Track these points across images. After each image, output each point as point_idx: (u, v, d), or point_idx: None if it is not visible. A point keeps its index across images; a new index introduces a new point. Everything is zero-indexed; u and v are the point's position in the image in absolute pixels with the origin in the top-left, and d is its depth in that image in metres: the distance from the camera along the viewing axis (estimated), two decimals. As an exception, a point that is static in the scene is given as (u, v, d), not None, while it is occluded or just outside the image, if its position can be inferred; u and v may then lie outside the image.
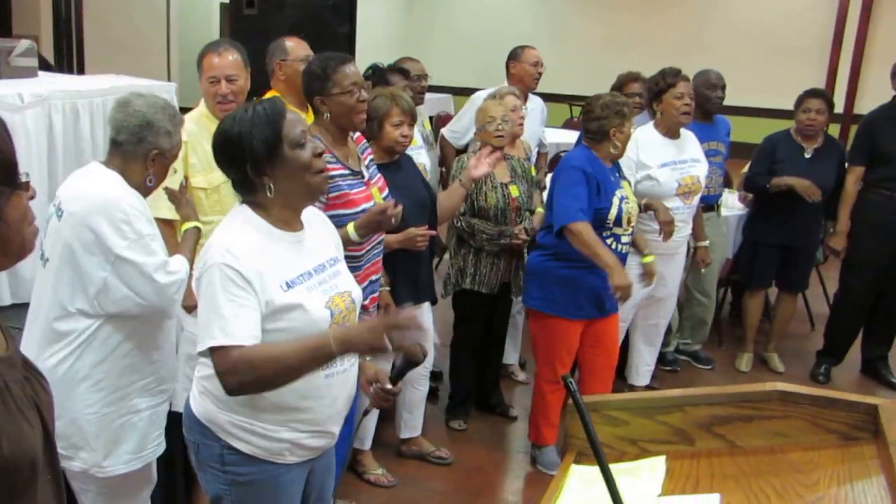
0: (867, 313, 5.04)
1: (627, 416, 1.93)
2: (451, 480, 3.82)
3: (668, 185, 4.15)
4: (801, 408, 1.79)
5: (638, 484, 1.70)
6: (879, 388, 4.95)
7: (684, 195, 4.21)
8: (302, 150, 2.02)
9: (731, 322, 5.88)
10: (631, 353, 4.61)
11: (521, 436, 4.24)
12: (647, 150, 4.15)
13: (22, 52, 4.06)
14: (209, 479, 2.12)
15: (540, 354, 3.87)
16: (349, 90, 2.90)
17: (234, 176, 2.06)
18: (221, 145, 2.04)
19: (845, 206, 4.83)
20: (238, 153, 1.99)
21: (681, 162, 4.22)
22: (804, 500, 1.60)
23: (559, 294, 3.66)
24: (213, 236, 2.02)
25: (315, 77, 2.94)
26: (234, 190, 2.10)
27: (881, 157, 4.72)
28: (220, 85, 3.07)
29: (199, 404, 2.10)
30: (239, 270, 1.92)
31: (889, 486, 1.54)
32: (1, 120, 1.16)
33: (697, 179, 4.26)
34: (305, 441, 2.10)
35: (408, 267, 3.50)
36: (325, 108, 2.93)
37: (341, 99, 2.91)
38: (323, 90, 2.92)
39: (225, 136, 2.02)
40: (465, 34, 13.90)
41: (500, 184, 3.97)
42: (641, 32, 12.99)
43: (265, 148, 1.97)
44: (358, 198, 2.99)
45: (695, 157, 4.31)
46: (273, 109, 2.01)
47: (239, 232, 2.00)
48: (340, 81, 2.90)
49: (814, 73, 11.66)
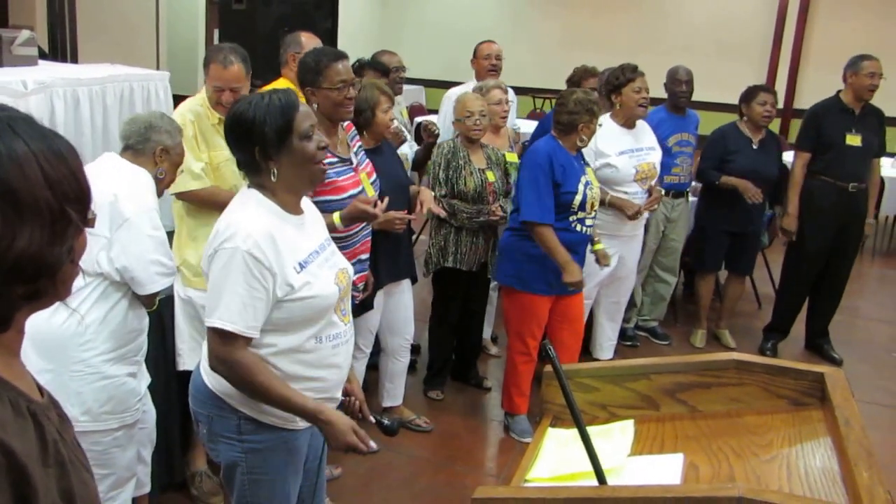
0: (808, 290, 5.16)
1: (598, 384, 1.96)
2: (431, 447, 3.86)
3: (626, 172, 4.23)
4: (755, 376, 1.84)
5: (609, 445, 1.74)
6: (822, 361, 5.04)
7: (641, 181, 4.30)
8: (309, 142, 2.05)
9: (684, 301, 5.98)
10: (595, 329, 4.68)
11: (494, 405, 4.29)
12: (605, 139, 4.19)
13: (23, 42, 4.00)
14: (223, 448, 2.11)
15: (512, 328, 3.92)
16: (338, 87, 2.93)
17: (241, 157, 2.07)
18: (234, 125, 2.04)
19: (794, 190, 4.93)
20: (248, 136, 2.00)
21: (637, 150, 4.30)
22: (759, 458, 1.64)
23: (529, 271, 3.72)
24: (231, 215, 2.02)
25: (308, 69, 2.96)
26: (240, 170, 2.11)
27: (823, 145, 4.83)
28: (224, 94, 3.08)
29: (213, 378, 2.08)
30: (260, 259, 1.93)
31: (835, 446, 1.59)
32: (73, 150, 1.03)
33: (653, 166, 4.35)
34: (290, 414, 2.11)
35: (388, 246, 3.53)
36: (315, 99, 2.95)
37: (329, 94, 2.94)
38: (314, 83, 2.94)
39: (240, 118, 2.02)
40: (434, 29, 13.87)
41: (478, 169, 4.00)
42: (596, 31, 13.14)
43: (276, 136, 1.99)
44: (346, 184, 3.01)
45: (650, 146, 4.38)
46: (288, 101, 2.03)
47: (256, 216, 2.00)
48: (331, 77, 2.92)
49: (755, 71, 11.86)
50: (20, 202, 0.93)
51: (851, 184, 4.81)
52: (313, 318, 2.05)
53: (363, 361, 3.76)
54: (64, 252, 1.00)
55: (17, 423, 0.95)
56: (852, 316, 5.90)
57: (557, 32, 13.51)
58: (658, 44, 12.20)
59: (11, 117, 0.96)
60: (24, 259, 0.94)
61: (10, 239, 0.92)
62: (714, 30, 12.46)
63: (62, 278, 1.02)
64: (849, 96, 4.81)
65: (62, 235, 0.98)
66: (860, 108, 4.81)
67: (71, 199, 0.99)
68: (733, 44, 12.32)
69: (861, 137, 4.78)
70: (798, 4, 12.02)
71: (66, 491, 1.00)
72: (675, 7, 12.80)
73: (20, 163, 0.93)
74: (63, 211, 0.98)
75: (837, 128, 4.80)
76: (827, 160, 4.83)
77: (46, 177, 0.95)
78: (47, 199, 0.95)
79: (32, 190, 0.94)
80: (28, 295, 0.98)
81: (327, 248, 2.17)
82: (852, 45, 9.90)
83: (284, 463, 2.15)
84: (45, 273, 0.98)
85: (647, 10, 12.97)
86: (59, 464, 1.00)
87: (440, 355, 4.35)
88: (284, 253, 1.99)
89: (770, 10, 12.21)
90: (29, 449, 0.95)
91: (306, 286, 2.01)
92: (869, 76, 4.71)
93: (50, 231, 0.96)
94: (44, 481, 0.96)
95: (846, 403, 1.66)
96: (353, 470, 3.59)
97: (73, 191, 0.99)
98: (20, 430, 0.95)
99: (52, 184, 0.96)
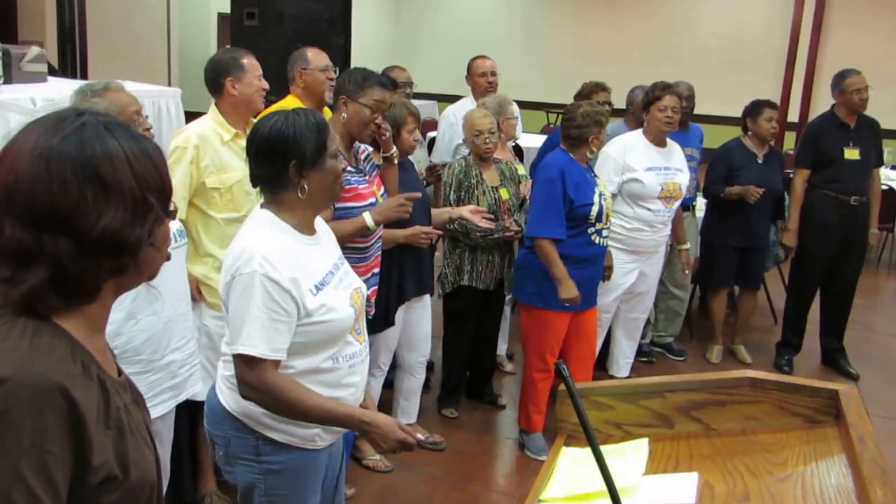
0: (810, 303, 5.19)
1: (613, 402, 1.96)
2: (445, 465, 3.86)
3: (651, 188, 4.25)
4: (769, 393, 1.84)
5: (623, 464, 1.74)
6: (838, 377, 5.05)
7: (666, 199, 4.31)
8: (337, 161, 2.12)
9: (700, 316, 5.97)
10: (612, 346, 4.69)
11: (509, 423, 4.29)
12: (633, 154, 4.25)
13: (33, 58, 4.02)
14: (241, 470, 2.12)
15: (531, 345, 3.93)
16: (371, 106, 3.03)
17: (267, 171, 2.05)
18: (269, 139, 2.03)
19: (795, 206, 4.99)
20: (286, 150, 2.01)
21: (665, 168, 4.32)
22: (774, 477, 1.64)
23: (548, 288, 3.74)
24: (244, 239, 2.03)
25: (353, 80, 3.07)
26: (260, 187, 2.10)
27: (823, 160, 4.88)
28: (263, 80, 3.20)
29: (230, 399, 2.09)
30: (278, 282, 1.94)
31: (850, 464, 1.59)
32: (159, 150, 1.21)
33: (679, 187, 4.36)
34: (333, 426, 2.15)
35: (413, 261, 3.59)
36: (346, 109, 3.05)
37: (362, 109, 3.04)
38: (353, 94, 3.04)
39: (280, 132, 2.02)
40: (446, 45, 13.98)
41: (491, 187, 4.03)
42: (609, 45, 13.23)
43: (314, 152, 2.03)
44: (366, 192, 3.11)
45: (678, 167, 4.40)
46: (321, 121, 2.08)
47: (271, 238, 2.01)
48: (371, 95, 3.04)
49: (770, 85, 11.90)
50: (107, 186, 1.10)
51: (853, 197, 4.86)
52: (330, 340, 2.07)
53: (380, 379, 3.78)
54: (144, 234, 1.15)
55: (83, 380, 1.09)
56: (867, 330, 5.89)
57: (570, 47, 13.60)
58: (671, 58, 12.28)
59: (109, 122, 1.15)
60: (107, 234, 1.10)
61: (98, 216, 1.09)
62: (728, 44, 12.52)
63: (144, 259, 1.18)
64: (842, 111, 4.89)
65: (143, 219, 1.14)
66: (855, 122, 4.88)
67: (152, 189, 1.16)
68: (748, 58, 12.38)
69: (859, 151, 4.85)
70: (811, 19, 12.08)
71: (121, 455, 1.12)
72: (688, 22, 12.87)
73: (111, 155, 1.11)
74: (144, 198, 1.14)
75: (835, 143, 4.87)
76: (827, 175, 4.89)
77: (132, 168, 1.13)
78: (131, 186, 1.12)
79: (118, 177, 1.11)
80: (113, 269, 1.14)
81: (341, 268, 2.20)
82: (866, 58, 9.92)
83: (303, 484, 2.15)
84: (125, 250, 1.14)
85: (660, 24, 13.04)
86: (118, 428, 1.13)
87: (455, 373, 4.35)
88: (300, 274, 2.00)
89: (784, 25, 12.27)
90: (90, 405, 1.09)
91: (323, 309, 2.02)
92: (856, 93, 4.79)
93: (131, 213, 1.13)
94: (100, 439, 1.09)
95: (861, 421, 1.67)
96: (367, 489, 3.60)
97: (155, 182, 1.17)
98: (85, 387, 1.09)
99: (137, 174, 1.13)
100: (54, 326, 1.11)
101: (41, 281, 1.08)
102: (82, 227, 1.08)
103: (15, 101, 3.37)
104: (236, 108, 3.18)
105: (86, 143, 1.10)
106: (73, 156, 1.09)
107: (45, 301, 1.09)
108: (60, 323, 1.12)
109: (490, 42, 10.99)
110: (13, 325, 1.08)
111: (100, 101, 2.46)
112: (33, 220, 1.07)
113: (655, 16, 13.04)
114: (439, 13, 14.81)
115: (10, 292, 1.08)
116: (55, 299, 1.10)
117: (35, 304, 1.09)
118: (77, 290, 1.12)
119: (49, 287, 1.09)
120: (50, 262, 1.08)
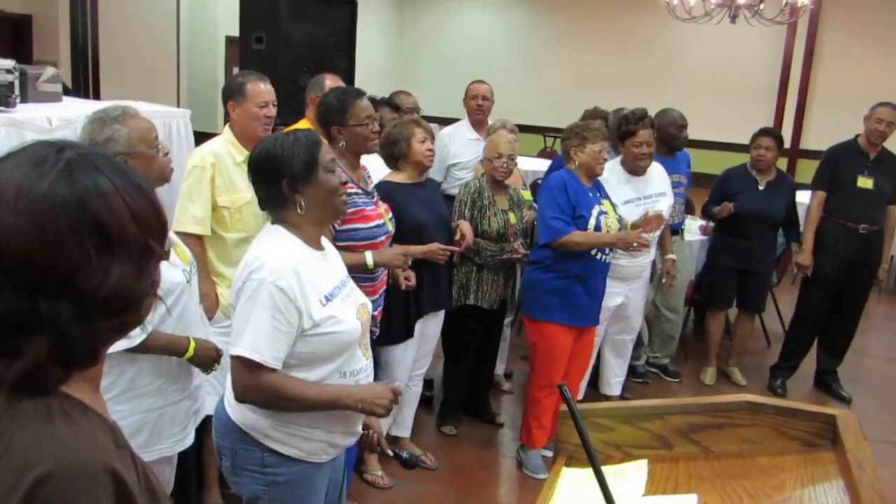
0: (818, 328, 5.17)
1: (613, 423, 1.95)
2: (443, 483, 3.84)
3: (630, 219, 4.16)
4: (767, 417, 1.83)
5: (623, 485, 1.73)
6: (831, 400, 5.04)
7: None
8: (332, 175, 2.11)
9: (694, 338, 5.96)
10: (602, 367, 4.65)
11: (507, 441, 4.27)
12: (609, 187, 4.08)
13: (48, 79, 4.03)
14: (246, 482, 2.12)
15: (538, 360, 3.90)
16: (364, 122, 3.01)
17: (267, 192, 2.09)
18: (262, 160, 2.07)
19: (810, 227, 4.99)
20: (277, 169, 2.04)
21: (645, 198, 4.24)
22: (772, 500, 1.63)
23: (553, 304, 3.74)
24: (258, 248, 2.05)
25: (333, 109, 3.02)
26: (263, 207, 2.14)
27: (837, 187, 4.88)
28: (269, 108, 3.17)
29: (237, 412, 2.10)
30: (285, 291, 1.96)
31: (847, 489, 1.58)
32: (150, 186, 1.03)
33: (661, 214, 4.28)
34: (338, 440, 2.16)
35: (431, 276, 3.59)
36: (342, 136, 3.02)
37: (358, 130, 3.01)
38: (341, 121, 3.01)
39: (267, 153, 2.06)
40: (448, 69, 14.07)
41: (501, 210, 4.02)
42: (607, 71, 13.33)
43: (303, 168, 2.04)
44: (372, 214, 3.08)
45: (660, 191, 4.30)
46: (312, 137, 2.10)
47: (283, 248, 2.04)
48: (357, 114, 3.00)
49: (763, 112, 11.97)
50: (111, 237, 0.94)
51: (862, 225, 4.84)
52: (336, 352, 2.07)
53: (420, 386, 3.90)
54: (148, 285, 1.01)
55: (118, 453, 0.96)
56: (859, 354, 5.87)
57: (568, 72, 13.69)
58: (667, 84, 12.36)
59: (93, 156, 0.97)
60: (115, 294, 0.95)
61: (104, 274, 0.93)
62: (722, 71, 12.60)
63: (145, 310, 1.03)
64: (864, 140, 4.88)
65: (146, 268, 1.00)
66: (875, 153, 4.87)
67: (153, 233, 1.00)
68: (741, 85, 12.46)
69: (873, 181, 4.83)
70: (803, 48, 12.17)
71: None
72: (684, 49, 12.96)
73: (108, 198, 0.94)
74: (147, 244, 0.99)
75: (850, 170, 4.86)
76: (837, 200, 4.89)
77: (131, 211, 0.96)
78: (134, 234, 0.96)
79: (121, 224, 0.95)
80: (116, 328, 0.99)
81: (347, 284, 2.21)
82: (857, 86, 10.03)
83: (306, 496, 2.16)
84: (132, 306, 0.99)
85: (656, 51, 13.13)
86: (149, 491, 1.01)
87: (454, 390, 4.34)
88: (309, 285, 2.01)
89: (776, 53, 12.36)
90: (132, 478, 0.96)
91: (332, 320, 2.03)
92: (876, 121, 4.78)
93: (137, 265, 0.97)
94: None
95: (858, 446, 1.66)
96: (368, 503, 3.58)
97: (154, 224, 1.01)
98: (122, 459, 0.96)
99: (137, 217, 0.97)
100: (70, 400, 0.96)
101: (43, 353, 0.92)
102: (87, 289, 0.92)
103: (32, 121, 3.38)
104: (242, 131, 3.19)
105: (77, 187, 0.92)
106: (67, 204, 0.91)
107: (49, 375, 0.94)
108: (70, 392, 0.97)
109: (490, 66, 11.11)
110: (24, 409, 0.93)
111: (121, 127, 2.35)
112: (26, 284, 0.90)
113: (652, 43, 13.13)
114: (441, 38, 14.92)
115: (6, 370, 0.92)
116: (59, 371, 0.94)
117: (39, 380, 0.93)
118: (81, 358, 0.97)
119: (51, 359, 0.93)
120: (50, 332, 0.92)
